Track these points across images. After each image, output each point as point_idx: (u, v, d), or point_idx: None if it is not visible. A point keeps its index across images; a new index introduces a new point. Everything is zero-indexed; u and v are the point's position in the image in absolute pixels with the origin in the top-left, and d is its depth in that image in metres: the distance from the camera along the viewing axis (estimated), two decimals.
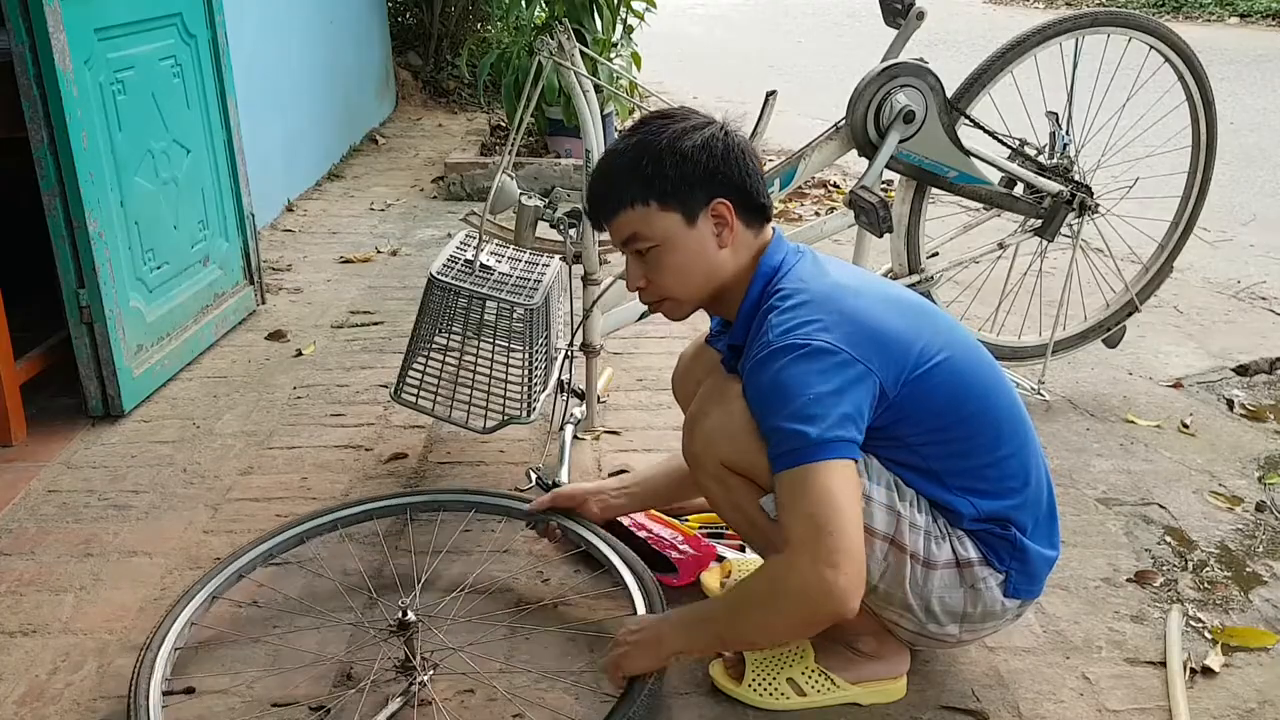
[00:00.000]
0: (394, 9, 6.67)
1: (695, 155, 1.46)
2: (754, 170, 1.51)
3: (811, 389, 1.36)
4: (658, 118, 1.52)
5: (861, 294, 1.46)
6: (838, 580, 1.32)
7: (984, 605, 1.49)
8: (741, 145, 1.50)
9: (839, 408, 1.36)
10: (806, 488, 1.35)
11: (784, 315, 1.43)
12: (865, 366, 1.38)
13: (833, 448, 1.35)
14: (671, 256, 1.50)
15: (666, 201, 1.47)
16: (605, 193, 1.52)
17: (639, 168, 1.47)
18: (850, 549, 1.33)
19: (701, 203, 1.47)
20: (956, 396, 1.45)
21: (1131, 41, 2.46)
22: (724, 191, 1.48)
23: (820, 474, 1.35)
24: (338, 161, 5.12)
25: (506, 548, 1.97)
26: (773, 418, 1.39)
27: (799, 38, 10.36)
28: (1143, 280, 2.72)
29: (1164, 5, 11.33)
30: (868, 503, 1.43)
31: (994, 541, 1.48)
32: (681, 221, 1.48)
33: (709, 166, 1.46)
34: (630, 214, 1.49)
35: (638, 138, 1.50)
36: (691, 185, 1.47)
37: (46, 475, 2.24)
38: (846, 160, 3.86)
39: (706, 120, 1.51)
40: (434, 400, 2.24)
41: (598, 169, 1.56)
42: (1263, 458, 2.37)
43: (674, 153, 1.46)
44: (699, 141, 1.47)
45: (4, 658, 1.68)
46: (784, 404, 1.37)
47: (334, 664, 1.65)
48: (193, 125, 2.80)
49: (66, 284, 2.36)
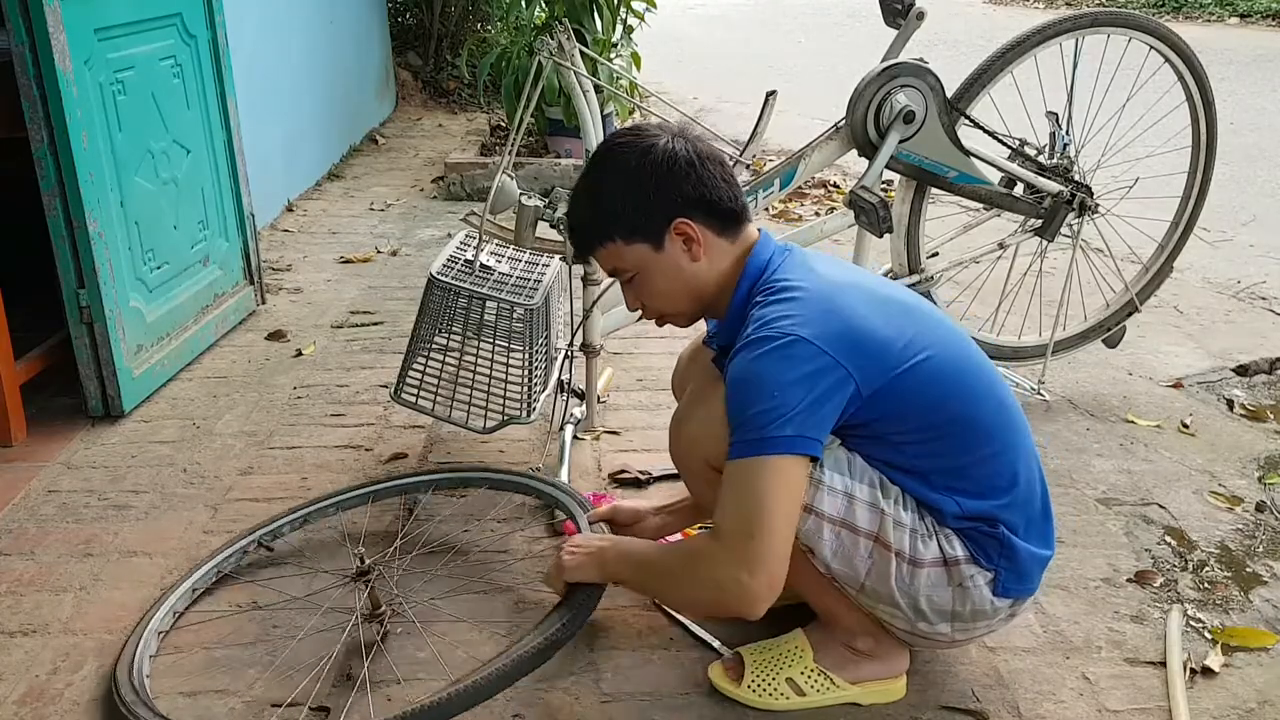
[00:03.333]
0: (394, 9, 6.67)
1: (645, 183, 1.48)
2: (711, 178, 1.50)
3: (778, 383, 1.37)
4: (607, 150, 1.55)
5: (846, 291, 1.47)
6: (750, 584, 1.37)
7: (973, 604, 1.49)
8: (692, 156, 1.49)
9: (803, 403, 1.36)
10: (747, 482, 1.37)
11: (767, 309, 1.44)
12: (839, 363, 1.38)
13: (785, 443, 1.36)
14: (652, 282, 1.54)
15: (630, 236, 1.51)
16: (576, 237, 1.60)
17: (596, 210, 1.53)
18: (770, 555, 1.37)
19: (663, 227, 1.49)
20: (939, 396, 1.45)
21: (1131, 41, 2.46)
22: (682, 210, 1.49)
23: (764, 470, 1.36)
24: (338, 161, 5.12)
25: (480, 515, 1.98)
26: (736, 408, 1.41)
27: (799, 38, 10.35)
28: (1143, 280, 2.72)
29: (1164, 5, 11.33)
30: (851, 501, 1.43)
31: (982, 540, 1.48)
32: (650, 249, 1.51)
33: (661, 191, 1.48)
34: (604, 252, 1.55)
35: (590, 179, 1.55)
36: (647, 214, 1.49)
37: (46, 475, 2.24)
38: (846, 160, 3.86)
39: (653, 140, 1.50)
40: (434, 400, 2.24)
41: (568, 213, 1.62)
42: (1263, 458, 2.37)
43: (625, 187, 1.49)
44: (647, 167, 1.48)
45: (4, 658, 1.68)
46: (749, 395, 1.39)
47: (334, 664, 1.65)
48: (193, 125, 2.80)
49: (66, 284, 2.36)
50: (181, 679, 1.63)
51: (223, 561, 1.86)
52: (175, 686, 1.61)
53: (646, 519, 1.84)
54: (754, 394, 1.38)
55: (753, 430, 1.37)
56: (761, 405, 1.37)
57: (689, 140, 1.51)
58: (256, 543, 1.91)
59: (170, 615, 1.74)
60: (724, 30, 11.10)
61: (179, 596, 1.77)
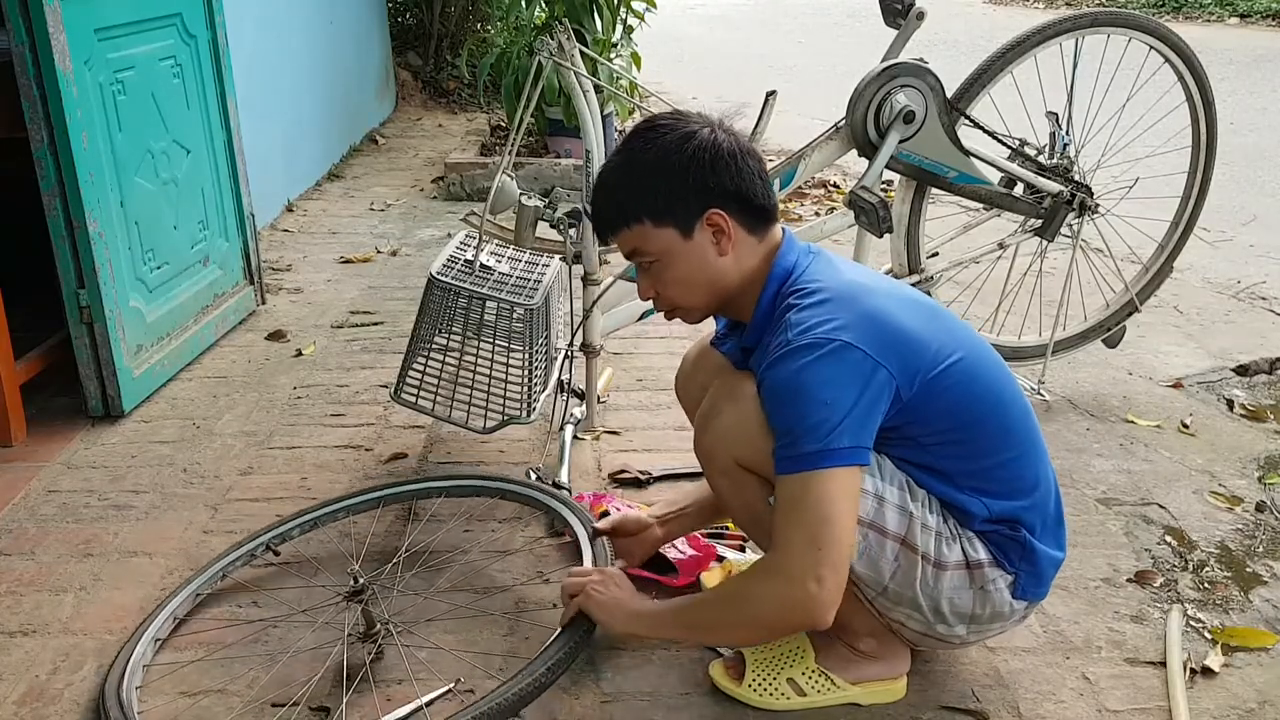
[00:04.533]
0: (394, 9, 6.67)
1: (684, 168, 1.45)
2: (750, 173, 1.48)
3: (828, 391, 1.35)
4: (648, 129, 1.50)
5: (877, 293, 1.45)
6: (819, 595, 1.35)
7: (993, 606, 1.49)
8: (733, 149, 1.47)
9: (853, 412, 1.35)
10: (806, 496, 1.35)
11: (804, 313, 1.41)
12: (883, 367, 1.37)
13: (839, 455, 1.35)
14: (673, 270, 1.50)
15: (660, 218, 1.47)
16: (602, 213, 1.54)
17: (629, 188, 1.48)
18: (837, 564, 1.35)
19: (696, 215, 1.46)
20: (969, 398, 1.45)
21: (1131, 41, 2.46)
22: (717, 201, 1.46)
23: (822, 483, 1.35)
24: (338, 161, 5.12)
25: (475, 521, 1.98)
26: (784, 417, 1.39)
27: (799, 38, 10.35)
28: (1143, 280, 2.72)
29: (1164, 5, 11.33)
30: (881, 503, 1.43)
31: (1004, 543, 1.48)
32: (678, 236, 1.47)
33: (699, 178, 1.45)
34: (628, 233, 1.50)
35: (626, 155, 1.50)
36: (683, 199, 1.46)
37: (46, 475, 2.24)
38: (846, 160, 3.85)
39: (697, 126, 1.48)
40: (434, 400, 2.24)
41: (595, 188, 1.56)
42: (1263, 458, 2.37)
43: (663, 168, 1.45)
44: (688, 152, 1.45)
45: (4, 658, 1.68)
46: (798, 404, 1.37)
47: (334, 664, 1.65)
48: (193, 125, 2.80)
49: (66, 284, 2.36)
50: (180, 681, 1.63)
51: (228, 565, 1.83)
52: (175, 687, 1.61)
53: (651, 529, 1.83)
54: (805, 403, 1.36)
55: (811, 442, 1.35)
56: (816, 416, 1.35)
57: (731, 133, 1.49)
58: (264, 546, 1.89)
59: (171, 621, 1.72)
60: (724, 30, 11.11)
61: (180, 601, 1.75)
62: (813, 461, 1.35)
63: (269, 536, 1.90)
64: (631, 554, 1.82)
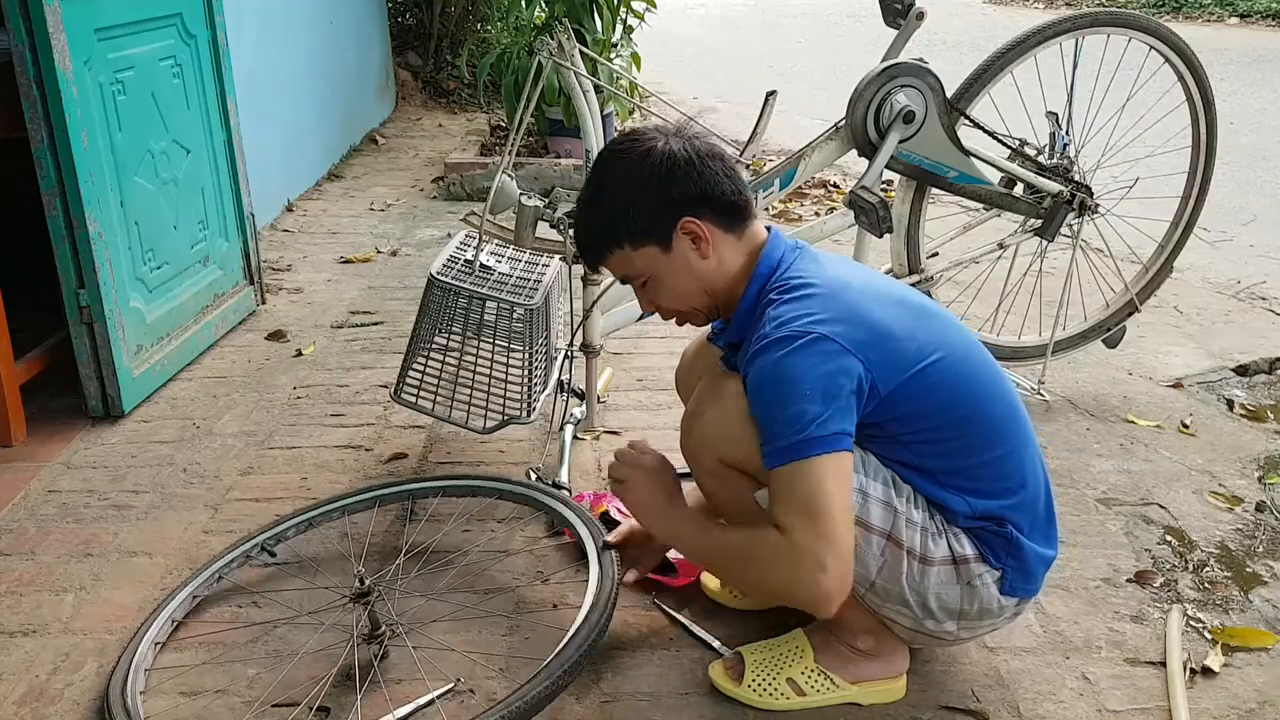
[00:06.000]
0: (394, 9, 6.67)
1: (646, 186, 1.48)
2: (713, 174, 1.49)
3: (807, 381, 1.36)
4: (608, 156, 1.55)
5: (860, 289, 1.47)
6: (824, 583, 1.35)
7: (981, 602, 1.49)
8: (690, 155, 1.49)
9: (834, 401, 1.36)
10: (800, 484, 1.36)
11: (782, 308, 1.43)
12: (860, 361, 1.38)
13: (826, 442, 1.35)
14: (664, 283, 1.54)
15: (637, 240, 1.51)
16: (585, 247, 1.59)
17: (602, 218, 1.53)
18: (840, 551, 1.35)
19: (669, 227, 1.49)
20: (951, 396, 1.45)
21: (1131, 41, 2.46)
22: (687, 208, 1.48)
23: (814, 470, 1.35)
24: (338, 161, 5.12)
25: (478, 520, 1.98)
26: (768, 409, 1.40)
27: (799, 38, 10.36)
28: (1143, 280, 2.72)
29: (1164, 5, 11.33)
30: (865, 499, 1.43)
31: (990, 539, 1.48)
32: (659, 251, 1.51)
33: (663, 191, 1.48)
34: (612, 260, 1.55)
35: (594, 187, 1.55)
36: (653, 216, 1.49)
37: (46, 475, 2.24)
38: (846, 160, 3.85)
39: (650, 142, 1.50)
40: (434, 400, 2.24)
41: (574, 225, 1.61)
42: (1263, 458, 2.37)
43: (627, 191, 1.49)
44: (647, 169, 1.48)
45: (4, 658, 1.68)
46: (780, 396, 1.38)
47: (342, 665, 1.65)
48: (193, 125, 2.80)
49: (66, 284, 2.36)
50: (182, 683, 1.63)
51: (224, 567, 1.83)
52: (177, 689, 1.61)
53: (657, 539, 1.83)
54: (785, 395, 1.37)
55: (794, 433, 1.36)
56: (795, 407, 1.36)
57: (686, 139, 1.51)
58: (260, 547, 1.88)
59: (169, 624, 1.72)
60: (724, 30, 11.11)
61: (178, 604, 1.74)
62: (799, 451, 1.36)
63: (264, 537, 1.90)
64: (639, 562, 1.83)
